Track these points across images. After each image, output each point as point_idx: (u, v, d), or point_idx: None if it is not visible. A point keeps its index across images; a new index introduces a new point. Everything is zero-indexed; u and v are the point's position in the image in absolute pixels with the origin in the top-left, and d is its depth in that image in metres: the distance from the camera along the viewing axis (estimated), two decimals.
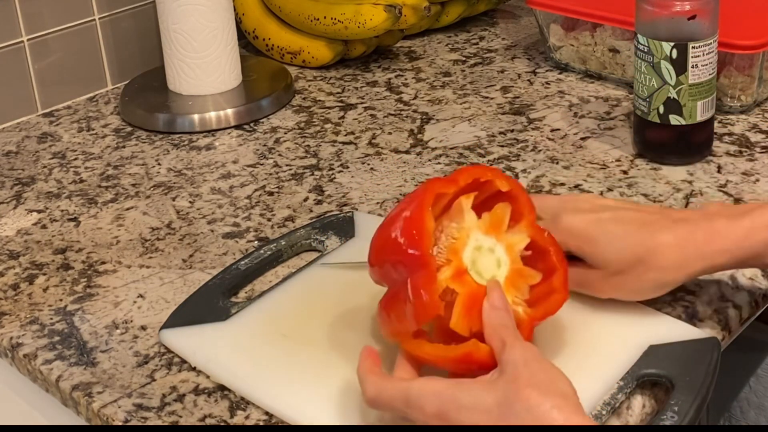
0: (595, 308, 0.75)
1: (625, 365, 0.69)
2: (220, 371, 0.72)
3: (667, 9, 0.92)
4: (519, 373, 0.60)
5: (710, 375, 0.68)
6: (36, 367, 0.76)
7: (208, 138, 1.11)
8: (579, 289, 0.73)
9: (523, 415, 0.58)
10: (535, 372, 0.60)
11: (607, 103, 1.11)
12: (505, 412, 0.59)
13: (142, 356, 0.76)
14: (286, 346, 0.74)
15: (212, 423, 0.69)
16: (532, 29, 1.33)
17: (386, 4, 1.19)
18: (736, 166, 0.96)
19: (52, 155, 1.09)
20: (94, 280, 0.86)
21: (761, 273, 0.81)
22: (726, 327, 0.76)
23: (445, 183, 0.67)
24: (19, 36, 1.15)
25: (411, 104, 1.15)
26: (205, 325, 0.77)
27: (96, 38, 1.22)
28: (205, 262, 0.87)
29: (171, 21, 1.13)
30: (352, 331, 0.75)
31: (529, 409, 0.58)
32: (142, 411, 0.70)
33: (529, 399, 0.58)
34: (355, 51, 1.26)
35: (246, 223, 0.92)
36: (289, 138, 1.09)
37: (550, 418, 0.57)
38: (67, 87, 1.21)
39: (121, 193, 1.00)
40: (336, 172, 1.01)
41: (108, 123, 1.16)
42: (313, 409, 0.68)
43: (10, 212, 0.98)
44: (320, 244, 0.86)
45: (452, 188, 0.67)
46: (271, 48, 1.28)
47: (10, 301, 0.83)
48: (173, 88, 1.17)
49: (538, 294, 0.68)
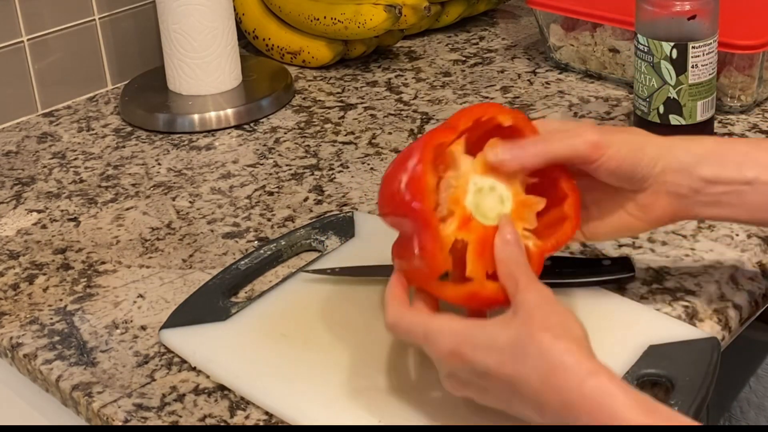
0: (595, 308, 0.75)
1: (625, 365, 0.69)
2: (220, 371, 0.72)
3: (667, 9, 0.92)
4: (532, 316, 0.60)
5: (710, 375, 0.68)
6: (36, 367, 0.76)
7: (208, 138, 1.11)
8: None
9: (535, 357, 0.58)
10: (548, 315, 0.60)
11: (607, 103, 1.11)
12: (517, 353, 0.59)
13: (142, 356, 0.76)
14: (286, 346, 0.74)
15: (212, 423, 0.69)
16: (532, 29, 1.33)
17: (386, 4, 1.19)
18: None
19: (52, 155, 1.09)
20: (94, 280, 0.86)
21: (761, 273, 0.81)
22: (726, 327, 0.76)
23: (444, 132, 0.67)
24: (19, 36, 1.15)
25: (411, 104, 1.15)
26: (205, 325, 0.77)
27: (96, 38, 1.22)
28: (205, 262, 0.87)
29: (171, 21, 1.13)
30: (351, 331, 0.75)
31: (541, 352, 0.58)
32: (142, 411, 0.70)
33: (541, 342, 0.59)
34: (355, 51, 1.26)
35: (246, 223, 0.92)
36: (289, 138, 1.09)
37: (561, 362, 0.58)
38: (67, 87, 1.21)
39: (121, 193, 1.00)
40: (336, 172, 1.01)
41: (108, 123, 1.16)
42: (313, 409, 0.68)
43: (10, 212, 0.98)
44: (320, 244, 0.86)
45: (451, 136, 0.67)
46: (271, 48, 1.28)
47: (10, 301, 0.84)
48: (173, 88, 1.17)
49: (549, 223, 0.68)
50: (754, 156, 0.70)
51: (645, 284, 0.79)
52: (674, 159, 0.69)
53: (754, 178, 0.69)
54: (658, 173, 0.69)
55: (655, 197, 0.70)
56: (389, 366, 0.71)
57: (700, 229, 0.86)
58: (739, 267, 0.81)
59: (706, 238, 0.85)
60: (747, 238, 0.84)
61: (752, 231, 0.85)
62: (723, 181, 0.69)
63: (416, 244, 0.64)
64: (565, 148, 0.68)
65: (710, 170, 0.69)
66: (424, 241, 0.64)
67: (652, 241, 0.85)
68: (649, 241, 0.85)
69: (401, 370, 0.70)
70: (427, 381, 0.69)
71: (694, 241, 0.84)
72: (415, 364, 0.71)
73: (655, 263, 0.82)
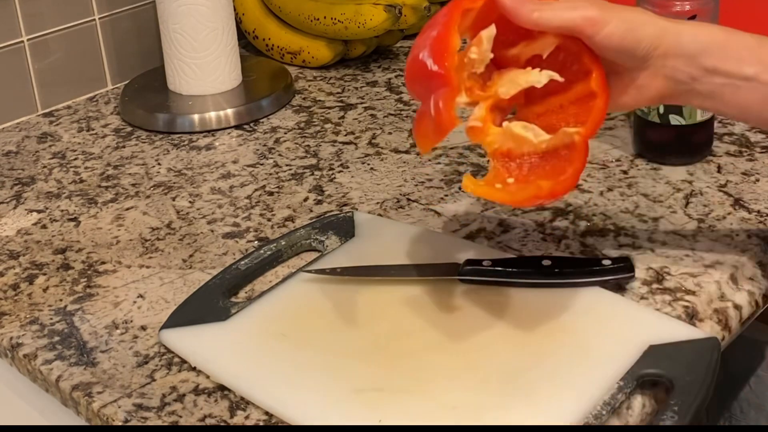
0: (595, 308, 0.75)
1: (625, 365, 0.69)
2: (220, 371, 0.72)
3: (667, 9, 0.91)
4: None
5: (710, 375, 0.68)
6: (36, 367, 0.76)
7: (208, 138, 1.11)
8: None
9: None
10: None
11: None
12: None
13: (142, 356, 0.76)
14: (286, 346, 0.74)
15: (212, 423, 0.69)
16: None
17: (386, 4, 1.19)
18: (736, 166, 0.96)
19: (52, 155, 1.09)
20: (94, 280, 0.86)
21: (761, 273, 0.81)
22: (726, 327, 0.76)
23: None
24: (19, 36, 1.15)
25: (411, 104, 1.15)
26: (205, 325, 0.77)
27: (96, 38, 1.22)
28: (205, 262, 0.87)
29: (171, 21, 1.13)
30: (351, 331, 0.75)
31: None
32: (142, 411, 0.70)
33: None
34: (355, 51, 1.26)
35: (246, 223, 0.92)
36: (289, 138, 1.09)
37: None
38: (67, 87, 1.21)
39: (121, 193, 1.00)
40: (336, 172, 1.01)
41: (108, 123, 1.16)
42: (313, 409, 0.68)
43: (10, 212, 0.98)
44: (320, 244, 0.86)
45: (479, 2, 0.68)
46: (271, 48, 1.28)
47: (10, 301, 0.84)
48: (173, 88, 1.17)
49: (578, 99, 0.69)
50: (759, 53, 0.69)
51: (645, 284, 0.79)
52: (678, 44, 0.69)
53: (754, 75, 0.69)
54: (660, 55, 0.69)
55: (651, 78, 0.70)
56: (389, 366, 0.71)
57: (700, 229, 0.86)
58: (739, 267, 0.81)
59: (706, 238, 0.85)
60: (747, 238, 0.84)
61: (752, 231, 0.85)
62: (722, 73, 0.69)
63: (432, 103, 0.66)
64: (561, 20, 0.68)
65: (712, 61, 0.69)
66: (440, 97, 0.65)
67: (652, 241, 0.85)
68: (649, 241, 0.85)
69: (401, 370, 0.70)
70: (428, 380, 0.69)
71: (694, 241, 0.84)
72: (416, 364, 0.71)
73: (655, 263, 0.82)
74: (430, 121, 0.66)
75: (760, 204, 0.89)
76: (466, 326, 0.74)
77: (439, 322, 0.75)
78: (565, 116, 0.70)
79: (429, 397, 0.68)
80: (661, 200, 0.91)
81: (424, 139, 0.68)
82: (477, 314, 0.75)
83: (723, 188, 0.92)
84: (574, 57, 0.70)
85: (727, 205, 0.89)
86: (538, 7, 0.68)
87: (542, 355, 0.70)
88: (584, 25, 0.68)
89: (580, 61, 0.69)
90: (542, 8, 0.68)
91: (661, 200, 0.91)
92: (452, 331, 0.74)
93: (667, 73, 0.70)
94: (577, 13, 0.68)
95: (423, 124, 0.68)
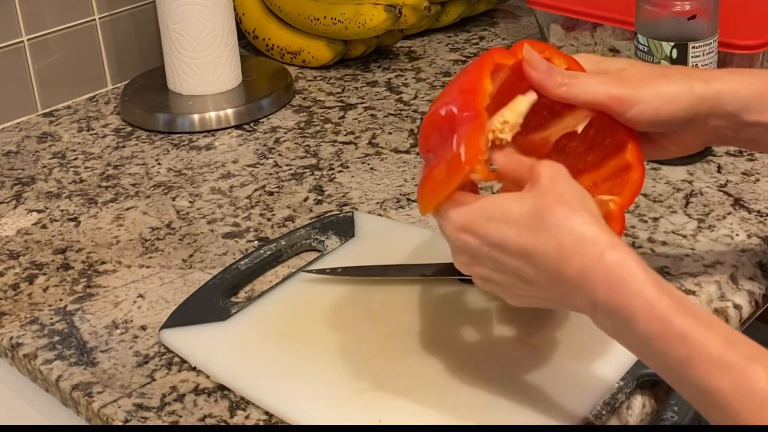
0: None
1: (625, 365, 0.69)
2: (220, 371, 0.72)
3: (667, 9, 0.92)
4: (548, 189, 0.60)
5: None
6: (36, 367, 0.76)
7: (208, 138, 1.11)
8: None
9: (553, 227, 0.59)
10: (564, 189, 0.60)
11: None
12: (533, 224, 0.59)
13: (142, 356, 0.76)
14: (286, 346, 0.74)
15: (212, 423, 0.69)
16: (532, 29, 1.33)
17: (386, 4, 1.19)
18: (736, 166, 0.96)
19: (52, 155, 1.09)
20: (94, 280, 0.86)
21: (761, 273, 0.81)
22: None
23: (504, 53, 0.66)
24: (19, 36, 1.15)
25: (411, 104, 1.15)
26: (205, 325, 0.77)
27: (96, 38, 1.22)
28: (205, 262, 0.87)
29: (171, 21, 1.13)
30: (351, 331, 0.75)
31: (559, 222, 0.59)
32: (142, 411, 0.70)
33: (559, 214, 0.59)
34: (355, 51, 1.26)
35: (246, 223, 0.92)
36: (289, 138, 1.09)
37: (580, 232, 0.58)
38: (67, 87, 1.21)
39: (121, 193, 1.00)
40: (336, 172, 1.01)
41: (108, 123, 1.16)
42: (313, 409, 0.68)
43: (10, 212, 0.98)
44: (320, 244, 0.86)
45: (511, 59, 0.66)
46: (271, 48, 1.28)
47: (10, 301, 0.83)
48: (173, 88, 1.17)
49: (614, 173, 0.68)
50: None
51: None
52: (718, 107, 0.69)
53: None
54: (702, 119, 0.69)
55: (693, 137, 0.71)
56: (389, 366, 0.71)
57: (700, 229, 0.86)
58: (739, 267, 0.81)
59: (706, 238, 0.85)
60: (747, 238, 0.84)
61: (752, 231, 0.85)
62: (763, 125, 0.70)
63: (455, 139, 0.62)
64: (588, 96, 0.67)
65: (753, 116, 0.69)
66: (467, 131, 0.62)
67: (652, 241, 0.85)
68: (649, 241, 0.85)
69: (401, 370, 0.70)
70: (428, 380, 0.69)
71: (694, 241, 0.84)
72: (416, 364, 0.71)
73: (655, 263, 0.82)
74: (444, 165, 0.62)
75: (760, 204, 0.89)
76: (466, 326, 0.74)
77: (439, 322, 0.75)
78: (599, 192, 0.67)
79: (429, 397, 0.68)
80: (661, 200, 0.91)
81: (431, 192, 0.64)
82: (477, 314, 0.75)
83: (723, 188, 0.92)
84: (606, 130, 0.68)
85: (727, 205, 0.89)
86: (567, 81, 0.67)
87: (542, 355, 0.70)
88: (611, 104, 0.67)
89: (614, 135, 0.67)
90: (571, 82, 0.67)
91: (661, 200, 0.91)
92: (452, 331, 0.74)
93: (708, 131, 0.70)
94: (604, 90, 0.67)
95: (432, 174, 0.64)
